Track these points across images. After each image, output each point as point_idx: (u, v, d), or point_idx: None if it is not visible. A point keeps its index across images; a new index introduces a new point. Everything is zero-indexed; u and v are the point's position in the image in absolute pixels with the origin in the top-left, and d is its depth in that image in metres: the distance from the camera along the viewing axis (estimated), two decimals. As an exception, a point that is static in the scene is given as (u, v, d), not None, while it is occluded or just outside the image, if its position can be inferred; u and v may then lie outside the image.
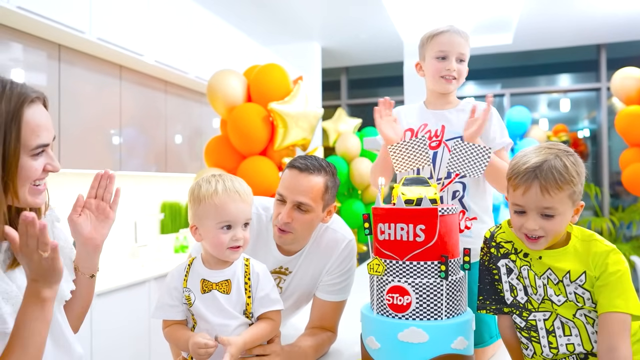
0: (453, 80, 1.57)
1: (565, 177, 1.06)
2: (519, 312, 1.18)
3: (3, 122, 0.92)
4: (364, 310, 1.28)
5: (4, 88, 0.94)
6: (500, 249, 1.21)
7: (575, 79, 7.17)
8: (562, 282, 1.11)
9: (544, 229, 1.09)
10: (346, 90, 7.47)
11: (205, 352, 1.13)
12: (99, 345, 2.63)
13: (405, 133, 1.63)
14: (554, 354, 1.12)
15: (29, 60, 2.71)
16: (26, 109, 0.95)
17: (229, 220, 1.19)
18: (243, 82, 3.48)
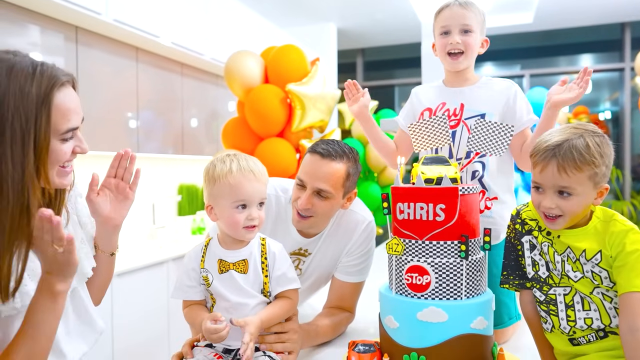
0: (460, 55, 1.50)
1: (586, 157, 1.04)
2: (539, 286, 1.17)
3: (34, 106, 0.90)
4: (382, 289, 1.27)
5: (34, 71, 0.92)
6: (525, 226, 1.21)
7: (597, 59, 7.00)
8: (578, 261, 1.10)
9: (560, 208, 1.08)
10: (362, 72, 7.40)
11: (217, 337, 1.14)
12: (120, 324, 2.68)
13: (423, 113, 1.59)
14: (571, 326, 1.11)
15: (47, 44, 2.72)
16: (56, 92, 0.94)
17: (244, 200, 1.19)
18: (260, 64, 3.46)
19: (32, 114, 0.90)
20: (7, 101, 0.88)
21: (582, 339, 1.11)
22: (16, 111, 0.88)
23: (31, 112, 0.90)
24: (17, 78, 0.89)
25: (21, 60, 0.92)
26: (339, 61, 6.50)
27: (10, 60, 0.91)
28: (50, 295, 0.94)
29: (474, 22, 1.49)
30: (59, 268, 0.94)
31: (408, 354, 1.16)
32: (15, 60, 0.91)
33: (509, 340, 1.53)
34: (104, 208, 1.10)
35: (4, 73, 0.89)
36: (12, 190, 0.89)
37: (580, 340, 1.11)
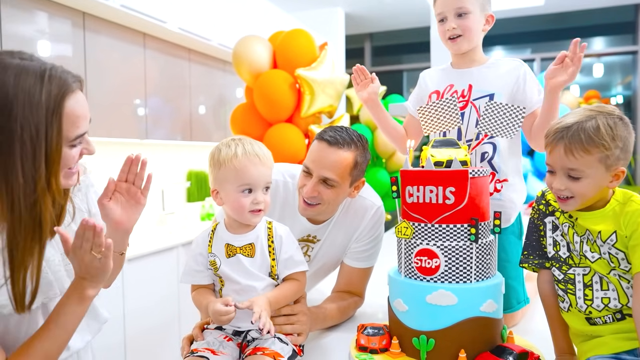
0: (458, 38, 1.48)
1: (595, 140, 1.03)
2: (558, 265, 1.16)
3: (44, 116, 0.86)
4: (391, 273, 1.27)
5: (42, 77, 0.87)
6: (549, 207, 1.20)
7: (609, 42, 6.88)
8: (596, 243, 1.09)
9: (570, 190, 1.07)
10: (370, 57, 7.33)
11: (227, 319, 1.15)
12: (131, 309, 2.72)
13: (430, 95, 1.57)
14: (588, 305, 1.11)
15: (55, 31, 2.72)
16: (67, 100, 0.90)
17: (250, 184, 1.19)
18: (268, 48, 3.44)
19: (43, 125, 0.86)
20: (16, 112, 0.84)
21: (598, 319, 1.10)
22: (26, 123, 0.84)
23: (41, 123, 0.86)
24: (26, 86, 0.85)
25: (29, 65, 0.87)
26: (347, 46, 6.45)
27: (18, 66, 0.86)
28: (80, 299, 0.96)
29: (469, 3, 1.46)
30: (93, 274, 0.95)
31: (417, 336, 1.16)
32: (23, 65, 0.87)
33: (518, 324, 1.53)
34: (115, 212, 1.07)
35: (12, 81, 0.84)
36: (24, 206, 0.86)
37: (597, 321, 1.10)
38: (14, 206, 0.85)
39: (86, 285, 0.96)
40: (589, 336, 1.12)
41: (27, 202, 0.86)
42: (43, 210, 0.89)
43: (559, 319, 1.19)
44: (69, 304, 0.96)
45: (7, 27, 2.44)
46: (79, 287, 0.96)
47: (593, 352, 1.08)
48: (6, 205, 0.86)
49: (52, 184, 0.90)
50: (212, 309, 1.15)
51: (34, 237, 0.88)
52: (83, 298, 0.96)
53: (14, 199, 0.85)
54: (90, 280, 0.96)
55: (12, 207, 0.85)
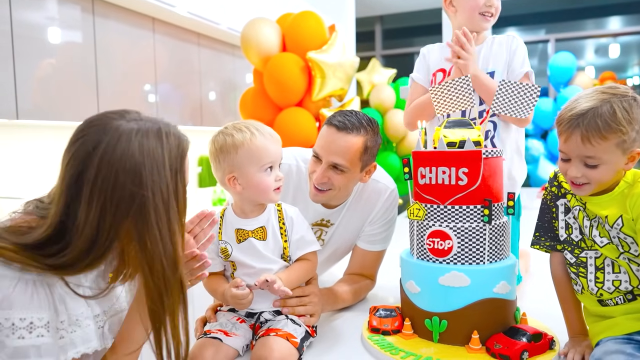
0: (490, 17, 1.53)
1: (612, 126, 1.00)
2: (570, 248, 1.15)
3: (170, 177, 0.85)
4: (403, 255, 1.27)
5: (160, 137, 0.85)
6: (561, 189, 1.18)
7: (626, 21, 6.71)
8: (604, 227, 1.08)
9: (587, 177, 1.05)
10: (380, 40, 7.25)
11: (247, 301, 1.16)
12: (145, 292, 2.75)
13: (436, 74, 1.57)
14: (599, 287, 1.10)
15: (64, 17, 2.71)
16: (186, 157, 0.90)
17: (272, 161, 1.19)
18: (277, 31, 3.40)
19: (172, 186, 0.85)
20: (145, 178, 0.82)
21: (609, 301, 1.09)
22: (156, 187, 0.83)
23: (169, 184, 0.85)
24: (150, 150, 0.83)
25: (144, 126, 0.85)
26: (357, 29, 6.37)
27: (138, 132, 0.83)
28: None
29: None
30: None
31: (430, 318, 1.16)
32: (139, 127, 0.84)
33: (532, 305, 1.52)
34: None
35: (137, 149, 0.82)
36: (167, 269, 0.85)
37: (608, 302, 1.09)
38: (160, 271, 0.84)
39: None
40: (600, 317, 1.11)
41: (170, 266, 0.85)
42: (181, 266, 0.88)
43: (571, 300, 1.18)
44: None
45: (17, 14, 2.44)
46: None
47: (605, 334, 1.07)
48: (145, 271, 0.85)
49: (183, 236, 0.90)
50: (230, 295, 1.17)
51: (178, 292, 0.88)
52: None
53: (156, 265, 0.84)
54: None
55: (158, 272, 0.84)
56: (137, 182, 0.81)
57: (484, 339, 1.12)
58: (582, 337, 1.15)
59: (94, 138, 0.81)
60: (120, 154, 0.80)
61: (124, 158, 0.80)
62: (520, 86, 1.23)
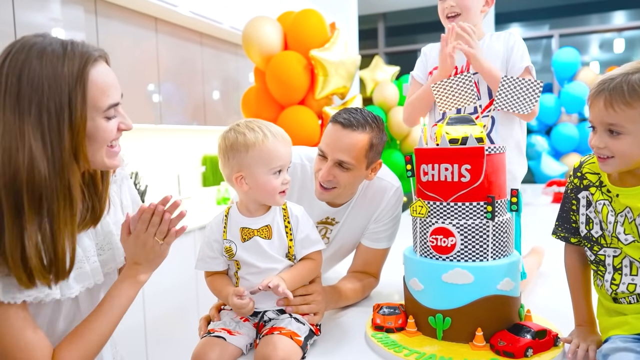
0: (456, 16, 1.53)
1: (638, 92, 0.94)
2: (590, 245, 1.12)
3: (67, 85, 0.88)
4: (406, 252, 1.27)
5: (64, 49, 0.90)
6: (583, 181, 1.13)
7: (631, 15, 6.66)
8: (634, 222, 1.03)
9: (609, 148, 1.00)
10: (383, 37, 7.23)
11: (247, 311, 1.17)
12: (150, 292, 2.76)
13: (432, 72, 1.57)
14: (613, 289, 1.08)
15: (68, 17, 2.72)
16: (90, 69, 0.91)
17: (281, 165, 1.19)
18: (279, 30, 3.40)
19: (66, 93, 0.88)
20: (42, 84, 0.87)
21: (623, 299, 1.07)
22: (50, 93, 0.87)
23: (64, 92, 0.88)
24: (49, 60, 0.88)
25: (51, 41, 0.91)
26: (360, 27, 6.36)
27: (40, 43, 0.90)
28: (133, 284, 1.01)
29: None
30: (150, 259, 1.00)
31: (433, 315, 1.16)
32: (45, 42, 0.90)
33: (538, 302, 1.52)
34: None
35: (35, 56, 0.88)
36: (52, 171, 0.88)
37: (622, 300, 1.08)
38: (42, 174, 0.87)
39: (140, 270, 1.01)
40: (614, 311, 1.10)
41: (55, 168, 0.89)
42: (71, 178, 0.90)
43: (582, 289, 1.17)
44: (123, 288, 1.01)
45: (20, 15, 2.45)
46: (132, 272, 1.01)
47: (615, 331, 1.06)
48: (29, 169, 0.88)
49: (79, 153, 0.92)
50: (232, 304, 1.17)
51: (65, 205, 0.90)
52: (136, 282, 1.02)
53: (41, 167, 0.87)
54: (145, 266, 1.01)
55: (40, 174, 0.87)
56: (34, 87, 0.87)
57: (488, 336, 1.12)
58: (588, 328, 1.14)
59: (5, 53, 0.90)
60: (22, 61, 0.88)
61: (25, 65, 0.88)
62: (522, 82, 1.22)
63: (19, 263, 0.87)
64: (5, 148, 0.86)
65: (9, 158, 0.86)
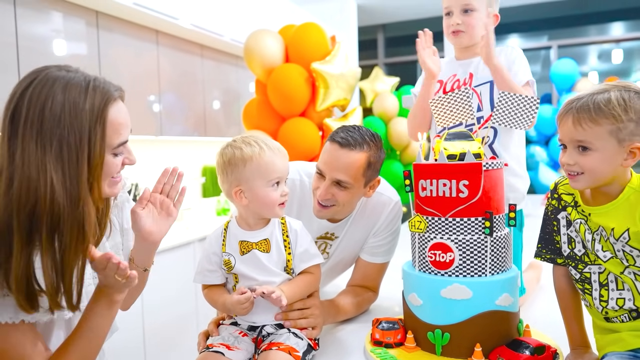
0: (461, 33, 1.54)
1: (604, 110, 0.99)
2: (574, 264, 1.14)
3: (87, 123, 0.91)
4: (405, 267, 1.27)
5: (87, 86, 0.93)
6: (561, 202, 1.16)
7: (629, 27, 6.70)
8: (609, 240, 1.05)
9: (580, 165, 1.03)
10: (383, 48, 7.27)
11: (248, 305, 1.16)
12: (149, 304, 2.75)
13: None
14: (603, 307, 1.08)
15: (69, 29, 2.75)
16: (109, 108, 0.95)
17: (279, 177, 1.20)
18: (280, 42, 3.43)
19: (86, 130, 0.91)
20: (64, 119, 0.89)
21: (615, 318, 1.08)
22: (71, 128, 0.90)
23: (85, 128, 0.91)
24: (72, 94, 0.91)
25: (74, 76, 0.93)
26: (360, 38, 6.40)
27: (65, 77, 0.92)
28: (108, 303, 1.01)
29: (476, 1, 1.51)
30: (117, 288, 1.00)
31: (432, 330, 1.16)
32: (69, 76, 0.93)
33: (536, 317, 1.51)
34: (146, 222, 1.08)
35: (60, 91, 0.90)
36: (70, 206, 0.90)
37: (614, 320, 1.08)
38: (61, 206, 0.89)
39: (112, 291, 1.00)
40: (608, 330, 1.10)
41: (72, 201, 0.90)
42: (86, 212, 0.92)
43: (573, 312, 1.18)
44: (99, 308, 1.00)
45: (23, 27, 2.47)
46: (105, 292, 1.00)
47: (610, 348, 1.06)
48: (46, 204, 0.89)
49: (94, 189, 0.94)
50: (231, 302, 1.17)
51: (78, 239, 0.91)
52: (111, 302, 1.01)
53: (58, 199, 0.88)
54: (115, 289, 1.00)
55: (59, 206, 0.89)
56: (56, 121, 0.89)
57: (486, 351, 1.12)
58: (584, 350, 1.14)
59: (27, 81, 0.91)
60: (46, 93, 0.90)
61: (49, 97, 0.89)
62: (520, 98, 1.23)
63: (22, 289, 0.88)
64: (25, 177, 0.87)
65: (29, 188, 0.87)
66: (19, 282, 0.87)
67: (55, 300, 0.91)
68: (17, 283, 0.87)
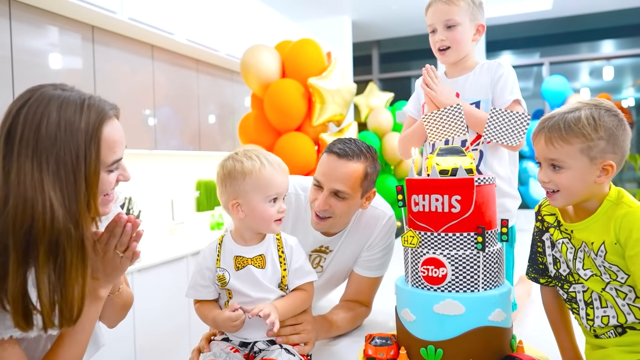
0: (447, 50, 1.52)
1: (574, 129, 1.00)
2: (560, 284, 1.14)
3: (83, 141, 0.92)
4: (398, 282, 1.27)
5: (82, 105, 0.93)
6: (544, 223, 1.18)
7: (619, 44, 6.82)
8: (590, 256, 1.05)
9: (554, 182, 1.05)
10: (378, 64, 7.35)
11: (239, 323, 1.16)
12: (141, 319, 2.73)
13: (424, 105, 1.60)
14: (590, 325, 1.09)
15: (65, 44, 2.76)
16: (104, 126, 0.95)
17: (277, 193, 1.20)
18: (277, 58, 3.46)
19: (82, 148, 0.91)
20: (59, 137, 0.90)
21: (602, 335, 1.08)
22: (67, 146, 0.90)
23: (80, 147, 0.91)
24: (67, 114, 0.91)
25: (69, 95, 0.94)
26: (355, 54, 6.47)
27: (60, 96, 0.92)
28: (93, 300, 1.01)
29: (459, 15, 1.49)
30: (108, 272, 1.01)
31: (425, 347, 1.15)
32: (64, 95, 0.93)
33: (529, 332, 1.51)
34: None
35: (55, 110, 0.91)
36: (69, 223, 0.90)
37: (601, 336, 1.09)
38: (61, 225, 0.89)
39: (98, 285, 1.01)
40: (596, 345, 1.11)
41: (71, 219, 0.90)
42: (85, 230, 0.93)
43: (563, 328, 1.18)
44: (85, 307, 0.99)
45: (18, 41, 2.48)
46: (91, 288, 1.00)
47: None
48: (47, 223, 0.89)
49: (91, 206, 0.94)
50: (222, 318, 1.16)
51: (78, 255, 0.92)
52: (96, 298, 1.01)
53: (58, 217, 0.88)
54: (104, 280, 1.01)
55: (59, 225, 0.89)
56: (52, 140, 0.89)
57: (480, 368, 1.11)
58: None
59: (22, 100, 0.92)
60: (41, 112, 0.90)
61: (44, 116, 0.90)
62: (510, 114, 1.24)
63: (19, 308, 0.88)
64: (21, 196, 0.87)
65: (25, 207, 0.87)
66: (16, 301, 0.87)
67: (50, 318, 0.90)
68: (14, 302, 0.87)
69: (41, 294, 0.88)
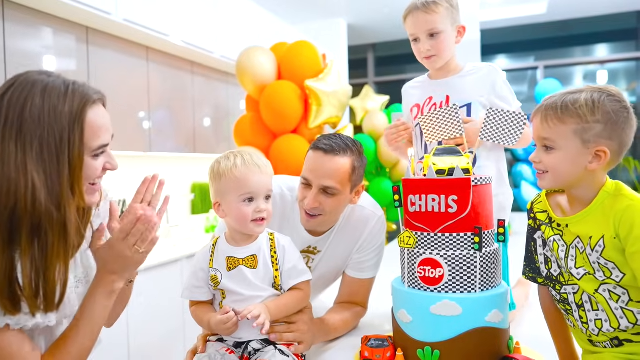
0: (433, 57, 1.52)
1: (570, 109, 0.98)
2: (552, 284, 1.13)
3: (66, 124, 0.92)
4: (394, 283, 1.26)
5: (66, 89, 0.94)
6: (536, 221, 1.17)
7: (613, 48, 6.86)
8: (585, 252, 1.02)
9: (544, 163, 1.04)
10: (373, 67, 7.36)
11: (231, 324, 1.16)
12: (135, 321, 2.70)
13: (412, 109, 1.59)
14: (586, 328, 1.07)
15: (59, 45, 2.74)
16: (88, 110, 0.96)
17: (251, 192, 1.19)
18: (272, 60, 3.46)
19: (66, 131, 0.92)
20: (44, 120, 0.90)
21: (598, 344, 1.06)
22: (50, 129, 0.90)
23: (64, 130, 0.92)
24: (51, 97, 0.92)
25: (54, 80, 0.94)
26: (350, 57, 6.47)
27: (44, 81, 0.93)
28: (108, 293, 1.02)
29: (440, 22, 1.48)
30: (127, 268, 1.01)
31: (422, 348, 1.14)
32: (49, 80, 0.94)
33: (526, 333, 1.51)
34: None
35: (39, 93, 0.91)
36: (52, 206, 0.90)
37: (597, 345, 1.07)
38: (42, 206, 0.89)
39: (115, 279, 1.02)
40: (591, 350, 1.09)
41: (54, 201, 0.90)
42: (68, 213, 0.92)
43: (560, 331, 1.17)
44: (98, 299, 1.01)
45: (11, 43, 2.46)
46: (107, 282, 1.01)
47: None
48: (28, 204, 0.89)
49: (75, 190, 0.94)
50: (215, 321, 1.16)
51: (60, 238, 0.92)
52: (112, 291, 1.02)
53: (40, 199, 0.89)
54: (120, 275, 1.02)
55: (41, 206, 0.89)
56: (36, 122, 0.90)
57: (477, 369, 1.11)
58: None
59: (7, 85, 0.93)
60: (26, 96, 0.91)
61: (28, 100, 0.91)
62: (507, 114, 1.24)
63: (5, 291, 0.87)
64: (5, 178, 0.87)
65: (9, 188, 0.87)
66: (1, 283, 0.87)
67: (33, 302, 0.90)
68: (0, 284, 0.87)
69: (24, 276, 0.88)
